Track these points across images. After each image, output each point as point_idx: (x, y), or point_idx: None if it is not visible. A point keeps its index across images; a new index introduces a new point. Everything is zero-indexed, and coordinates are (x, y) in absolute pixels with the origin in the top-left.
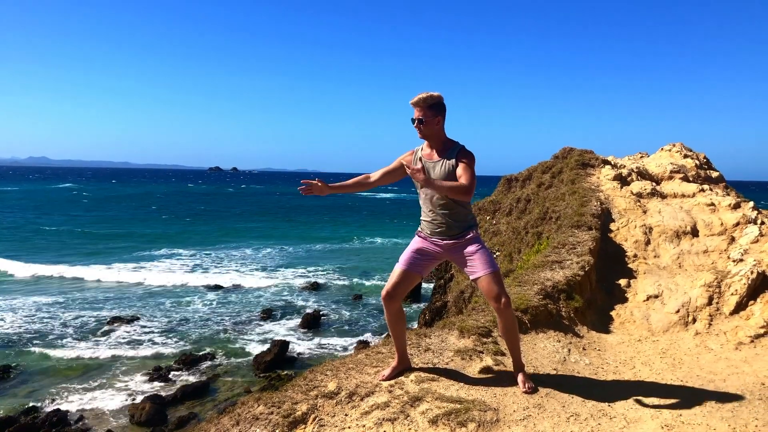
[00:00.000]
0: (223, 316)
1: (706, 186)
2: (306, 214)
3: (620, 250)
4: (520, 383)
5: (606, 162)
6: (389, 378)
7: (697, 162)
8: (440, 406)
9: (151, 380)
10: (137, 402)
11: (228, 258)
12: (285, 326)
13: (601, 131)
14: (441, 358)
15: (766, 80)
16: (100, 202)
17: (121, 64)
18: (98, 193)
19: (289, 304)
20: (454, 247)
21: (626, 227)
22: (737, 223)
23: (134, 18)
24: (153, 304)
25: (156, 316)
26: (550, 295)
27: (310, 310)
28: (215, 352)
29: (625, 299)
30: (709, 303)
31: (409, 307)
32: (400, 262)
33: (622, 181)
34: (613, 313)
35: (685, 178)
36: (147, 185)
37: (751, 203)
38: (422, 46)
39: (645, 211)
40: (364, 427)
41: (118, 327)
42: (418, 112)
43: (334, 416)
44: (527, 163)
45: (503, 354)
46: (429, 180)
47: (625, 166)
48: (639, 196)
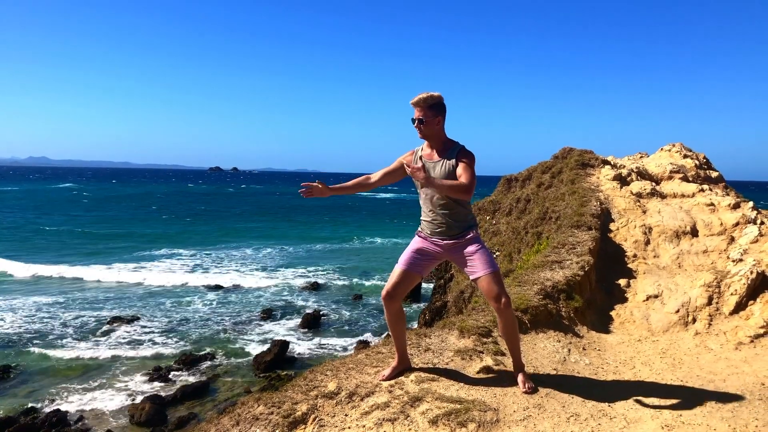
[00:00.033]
0: (223, 316)
1: (705, 186)
2: (306, 214)
3: (620, 250)
4: (520, 383)
5: (606, 162)
6: (389, 378)
7: (697, 162)
8: (440, 406)
9: (151, 380)
10: (137, 402)
11: (228, 258)
12: (285, 326)
13: (600, 131)
14: (441, 358)
15: (766, 80)
16: (100, 202)
17: (121, 64)
18: (98, 193)
19: (289, 304)
20: (454, 247)
21: (626, 227)
22: (737, 223)
23: (134, 18)
24: (153, 304)
25: (156, 316)
26: (550, 295)
27: (310, 310)
28: (215, 352)
29: (625, 299)
30: (709, 303)
31: (409, 307)
32: (400, 262)
33: (622, 181)
34: (613, 313)
35: (685, 178)
36: (147, 185)
37: (751, 203)
38: (422, 46)
39: (645, 211)
40: (364, 427)
41: (118, 327)
42: (418, 112)
43: (334, 416)
44: (527, 163)
45: (503, 354)
46: (429, 178)
47: (624, 166)
48: (639, 196)
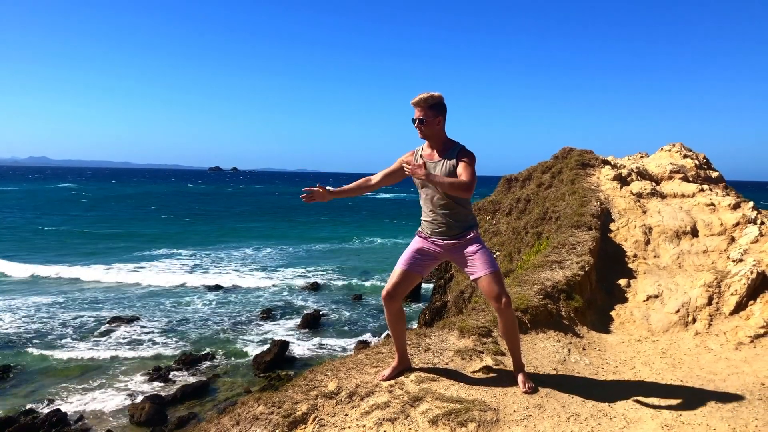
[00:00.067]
0: (222, 316)
1: (705, 186)
2: (305, 214)
3: (620, 250)
4: (520, 383)
5: (606, 162)
6: (389, 378)
7: (697, 162)
8: (440, 406)
9: (151, 380)
10: (137, 402)
11: (228, 258)
12: (285, 326)
13: (601, 131)
14: (441, 358)
15: (766, 80)
16: (99, 202)
17: (121, 64)
18: (98, 193)
19: (289, 304)
20: (455, 247)
21: (626, 227)
22: (737, 223)
23: (134, 18)
24: (153, 304)
25: (156, 316)
26: (550, 295)
27: (310, 310)
28: (215, 352)
29: (625, 299)
30: (709, 303)
31: (409, 307)
32: (400, 262)
33: (622, 181)
34: (613, 313)
35: (685, 178)
36: (147, 185)
37: (751, 203)
38: (422, 46)
39: (645, 211)
40: (365, 427)
41: (118, 327)
42: (418, 112)
43: (335, 416)
44: (527, 163)
45: (503, 354)
46: (429, 175)
47: (624, 166)
48: (639, 196)
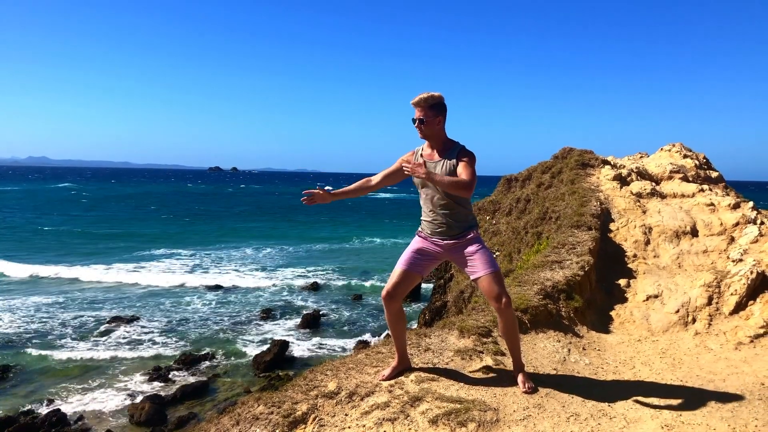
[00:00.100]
0: (222, 316)
1: (705, 186)
2: (305, 214)
3: (620, 250)
4: (520, 383)
5: (606, 162)
6: (389, 378)
7: (697, 162)
8: (440, 406)
9: (151, 380)
10: (137, 402)
11: (227, 258)
12: (284, 326)
13: (600, 131)
14: (441, 358)
15: (766, 80)
16: (99, 202)
17: (121, 64)
18: (98, 193)
19: (289, 304)
20: (455, 247)
21: (626, 227)
22: (737, 223)
23: (134, 18)
24: (153, 304)
25: (156, 316)
26: (550, 295)
27: (310, 310)
28: (215, 352)
29: (625, 299)
30: (709, 303)
31: (409, 307)
32: (400, 262)
33: (622, 181)
34: (613, 313)
35: (685, 178)
36: (146, 185)
37: (751, 203)
38: (422, 46)
39: (644, 211)
40: (364, 426)
41: (118, 327)
42: (419, 112)
43: (335, 416)
44: (527, 163)
45: (503, 354)
46: (430, 173)
47: (624, 166)
48: (639, 196)
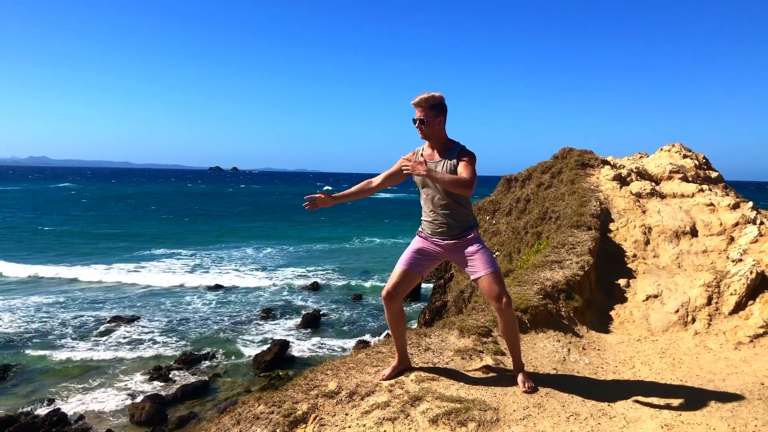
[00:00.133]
0: (223, 315)
1: (705, 186)
2: (304, 214)
3: (620, 250)
4: (520, 383)
5: (605, 162)
6: (389, 377)
7: (697, 162)
8: (440, 405)
9: (151, 380)
10: (137, 402)
11: (228, 258)
12: (285, 326)
13: (600, 131)
14: (441, 358)
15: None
16: (99, 202)
17: (121, 64)
18: (97, 193)
19: (289, 304)
20: (455, 247)
21: (625, 227)
22: (736, 223)
23: (134, 18)
24: (153, 304)
25: (156, 316)
26: (549, 295)
27: (310, 310)
28: (215, 351)
29: (625, 299)
30: (709, 303)
31: (409, 307)
32: (400, 262)
33: (622, 181)
34: (613, 313)
35: (685, 179)
36: (146, 185)
37: (750, 203)
38: (422, 46)
39: (644, 211)
40: (365, 426)
41: (118, 327)
42: (419, 113)
43: (335, 416)
44: (527, 163)
45: (503, 353)
46: (430, 171)
47: (624, 167)
48: (638, 196)
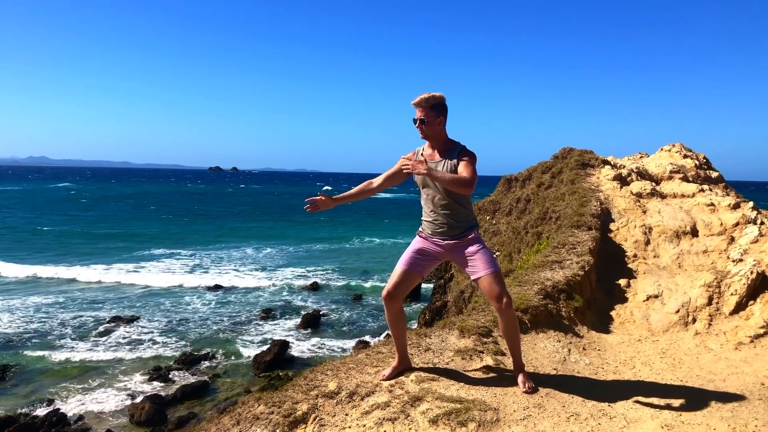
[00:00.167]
0: (222, 316)
1: (705, 186)
2: (304, 214)
3: (620, 250)
4: (521, 383)
5: (606, 162)
6: (389, 378)
7: (697, 162)
8: (440, 405)
9: (151, 380)
10: (137, 402)
11: (227, 258)
12: (284, 326)
13: (601, 131)
14: (441, 358)
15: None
16: (98, 202)
17: (121, 64)
18: (97, 193)
19: (289, 304)
20: (456, 247)
21: (626, 227)
22: (737, 223)
23: (134, 18)
24: (152, 304)
25: (155, 316)
26: (550, 295)
27: (310, 310)
28: (215, 352)
29: (625, 299)
30: (709, 303)
31: (409, 307)
32: (400, 262)
33: (622, 181)
34: (613, 313)
35: (685, 179)
36: (146, 185)
37: (751, 203)
38: (422, 46)
39: (645, 211)
40: (365, 426)
41: (118, 327)
42: (420, 113)
43: (335, 416)
44: (527, 163)
45: (503, 354)
46: (431, 170)
47: (624, 167)
48: (639, 196)
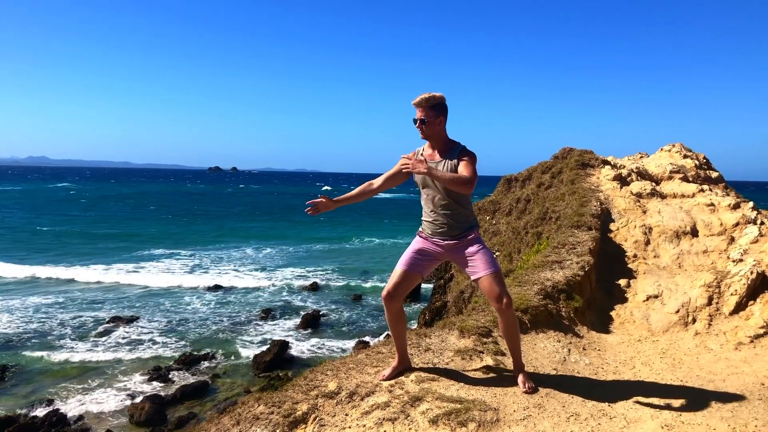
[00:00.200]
0: (222, 316)
1: (705, 186)
2: (304, 214)
3: (620, 250)
4: (520, 383)
5: (606, 162)
6: (389, 378)
7: (697, 162)
8: (440, 405)
9: (151, 380)
10: (137, 402)
11: (227, 258)
12: (284, 326)
13: (601, 131)
14: (441, 358)
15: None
16: (98, 202)
17: (121, 64)
18: (96, 193)
19: (289, 305)
20: (456, 247)
21: (626, 227)
22: (737, 224)
23: (134, 18)
24: (152, 304)
25: (155, 316)
26: (550, 295)
27: (310, 310)
28: (214, 352)
29: (625, 299)
30: (709, 303)
31: (409, 307)
32: (400, 263)
33: (622, 181)
34: (613, 313)
35: (685, 179)
36: (146, 185)
37: (751, 203)
38: (422, 46)
39: (645, 212)
40: (365, 426)
41: (118, 327)
42: (420, 113)
43: (335, 416)
44: (527, 163)
45: (503, 354)
46: (431, 169)
47: (624, 167)
48: (639, 196)
